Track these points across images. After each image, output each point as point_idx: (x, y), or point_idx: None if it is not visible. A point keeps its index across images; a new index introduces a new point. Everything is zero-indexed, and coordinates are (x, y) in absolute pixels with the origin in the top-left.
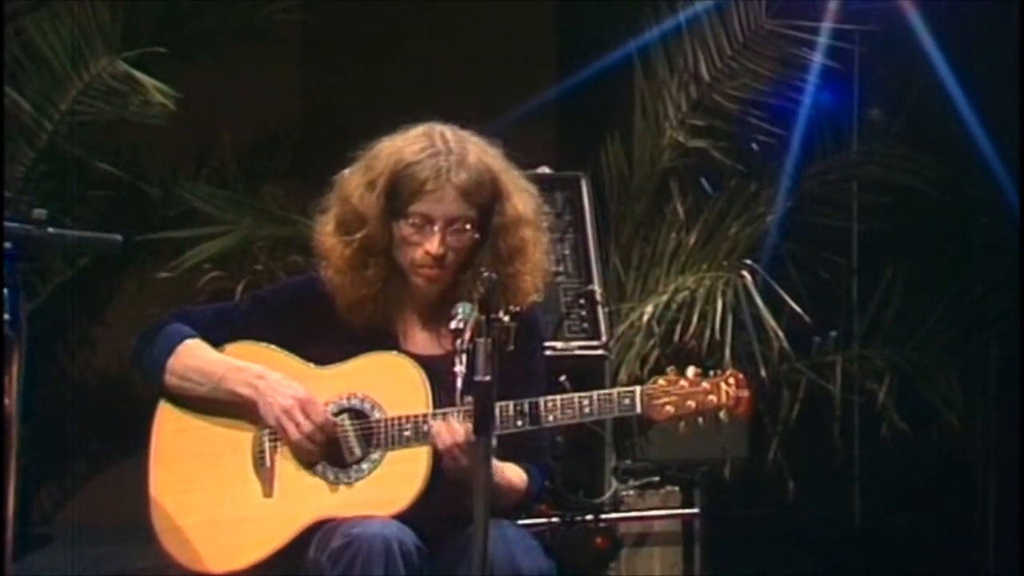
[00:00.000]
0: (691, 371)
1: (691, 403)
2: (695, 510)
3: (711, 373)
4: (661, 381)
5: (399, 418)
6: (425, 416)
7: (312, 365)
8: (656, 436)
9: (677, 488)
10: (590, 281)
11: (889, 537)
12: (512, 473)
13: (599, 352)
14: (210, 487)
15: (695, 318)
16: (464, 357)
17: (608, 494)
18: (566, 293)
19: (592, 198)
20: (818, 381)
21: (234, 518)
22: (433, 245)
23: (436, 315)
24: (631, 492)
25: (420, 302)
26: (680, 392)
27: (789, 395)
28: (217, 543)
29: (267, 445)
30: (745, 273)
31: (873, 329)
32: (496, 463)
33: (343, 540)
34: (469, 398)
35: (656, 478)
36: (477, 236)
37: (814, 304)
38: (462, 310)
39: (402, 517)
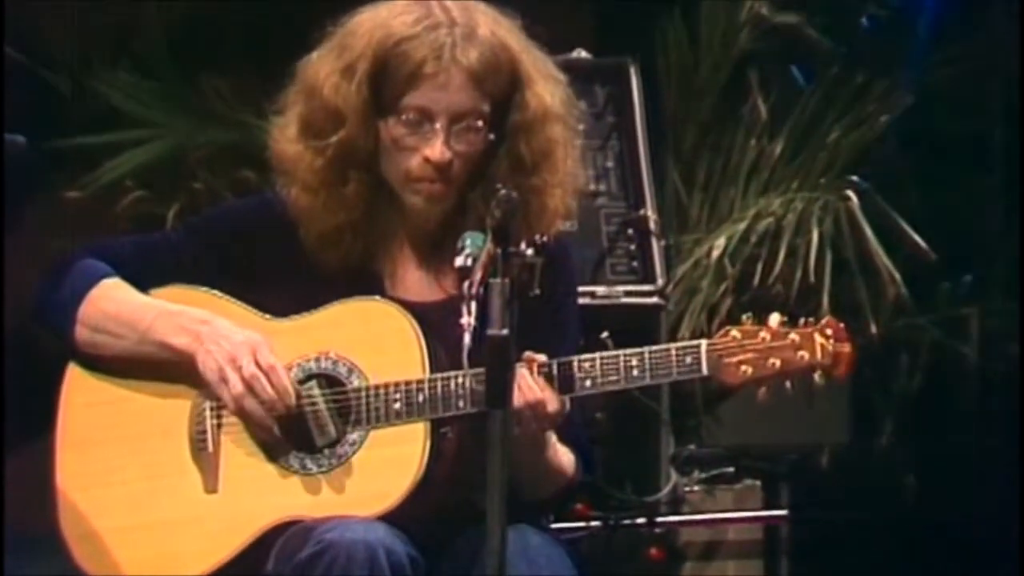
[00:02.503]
0: (774, 319)
1: (774, 361)
2: (781, 512)
3: (801, 322)
4: (734, 332)
5: (386, 386)
6: (420, 383)
7: (268, 316)
8: (729, 413)
9: (757, 483)
10: (641, 205)
11: None
12: (564, 454)
13: (653, 300)
14: (134, 479)
15: (781, 254)
16: (473, 305)
17: (665, 490)
18: (609, 221)
19: (643, 93)
20: (947, 341)
21: (167, 520)
22: (434, 150)
23: (436, 248)
24: (696, 488)
25: (415, 231)
26: (759, 347)
27: (908, 359)
28: (144, 553)
29: (210, 422)
30: (850, 194)
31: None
32: (552, 440)
33: (314, 548)
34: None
35: (729, 469)
36: (491, 137)
37: (942, 238)
38: (470, 242)
39: (391, 517)
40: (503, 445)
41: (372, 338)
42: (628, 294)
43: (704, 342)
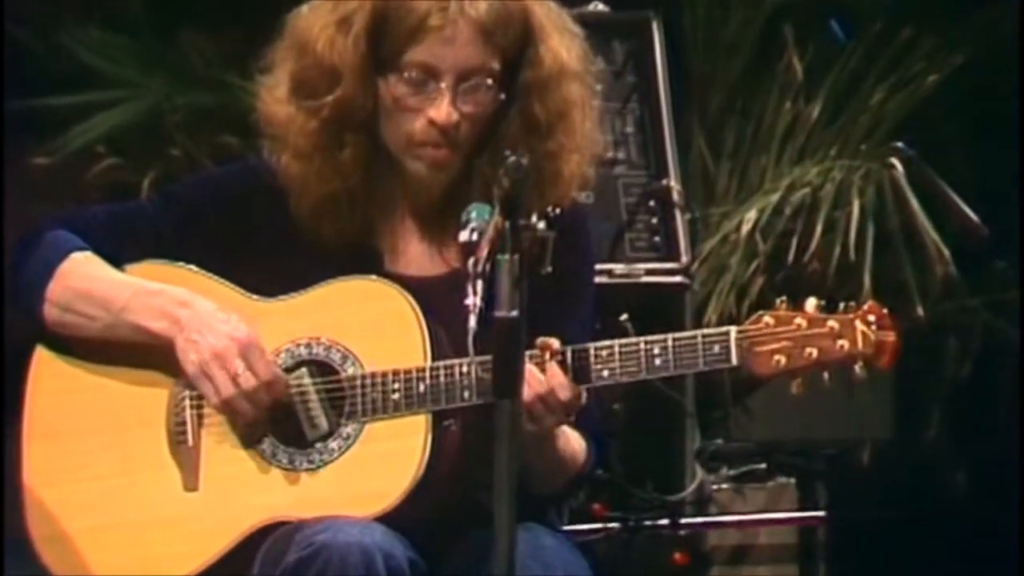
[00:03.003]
0: (811, 303)
1: (811, 351)
2: (818, 513)
3: (840, 307)
4: (767, 318)
5: (383, 374)
6: (421, 371)
7: (254, 297)
8: (760, 404)
9: (791, 481)
10: (664, 175)
11: None
12: (576, 440)
13: (677, 279)
14: (108, 475)
15: (818, 229)
16: (479, 284)
17: (690, 488)
18: (629, 191)
19: (667, 50)
20: (999, 325)
21: (142, 521)
22: (439, 111)
23: (440, 220)
24: (724, 486)
25: (417, 200)
26: (795, 335)
27: (957, 345)
28: (117, 557)
29: (189, 413)
30: (894, 162)
31: None
32: (562, 428)
33: (303, 552)
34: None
35: (761, 466)
36: (502, 97)
37: (995, 211)
38: (476, 214)
39: (390, 519)
40: (512, 439)
41: (369, 321)
42: (649, 272)
43: (734, 329)
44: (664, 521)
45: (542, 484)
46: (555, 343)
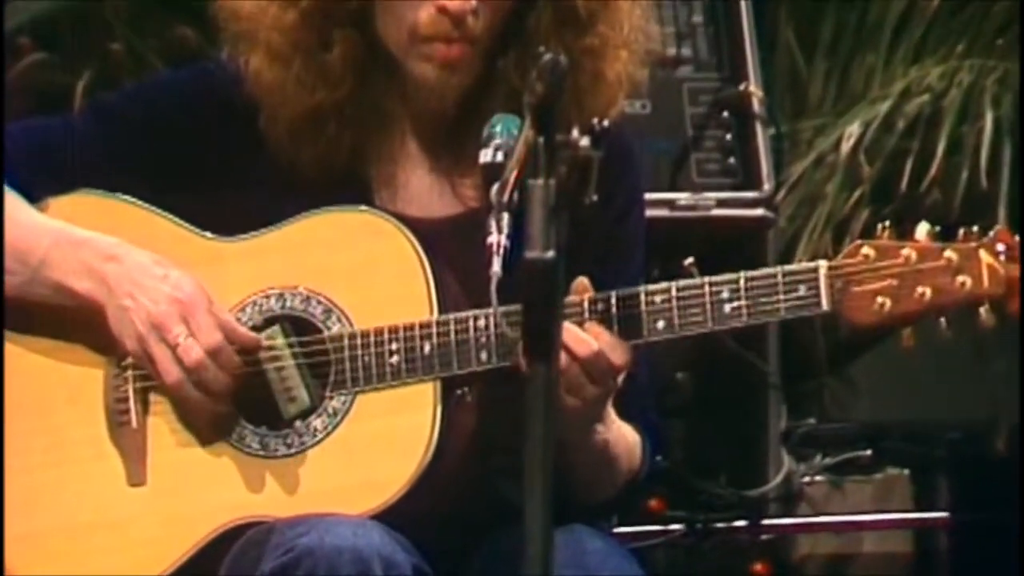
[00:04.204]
0: (922, 230)
1: (923, 290)
2: (938, 514)
3: (960, 234)
4: (866, 250)
5: (378, 332)
6: (426, 326)
7: (210, 235)
8: (864, 374)
9: (905, 472)
10: (741, 78)
11: None
12: (628, 433)
13: (757, 212)
14: (37, 468)
15: (940, 148)
16: (505, 217)
17: (775, 481)
18: (696, 99)
19: None
20: None
21: (79, 526)
22: None
23: (451, 143)
24: (818, 479)
25: (422, 115)
26: (902, 269)
27: None
28: (50, 569)
29: (132, 387)
30: None
31: None
32: (612, 415)
33: (282, 559)
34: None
35: (865, 453)
36: None
37: None
38: (501, 127)
39: (390, 516)
40: (547, 415)
41: (358, 265)
42: (722, 204)
43: (824, 263)
44: (741, 523)
45: (585, 491)
46: (586, 282)
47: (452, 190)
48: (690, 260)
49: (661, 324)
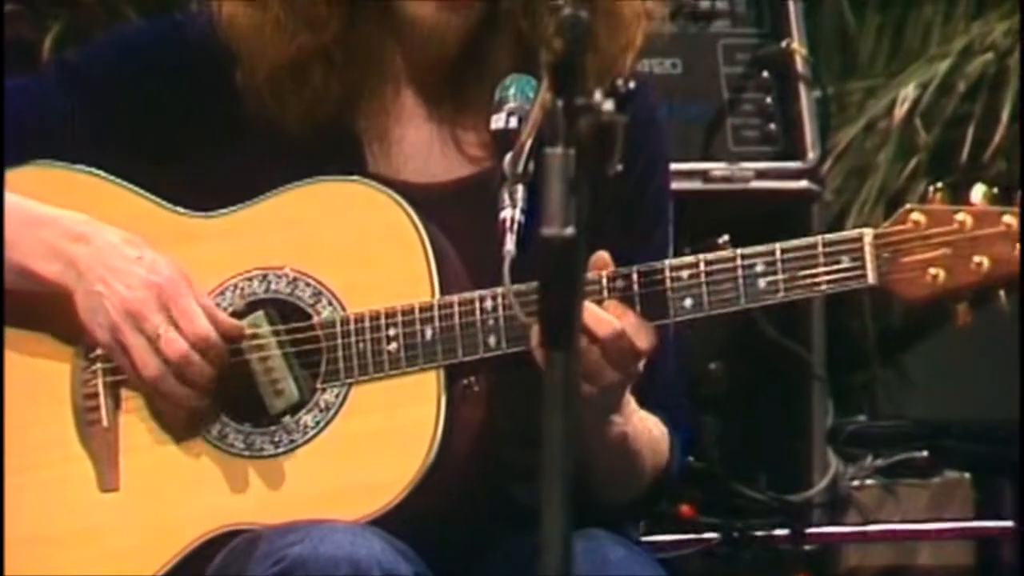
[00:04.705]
0: (978, 192)
1: (980, 259)
2: (1003, 523)
3: (1019, 196)
4: (916, 216)
5: (373, 316)
6: (427, 308)
7: (182, 211)
8: (920, 365)
9: (966, 475)
10: (783, 34)
11: None
12: (654, 426)
13: (801, 184)
14: None
15: (1005, 113)
16: (519, 189)
17: (821, 484)
18: (732, 58)
19: None
20: None
21: (47, 535)
22: None
23: (453, 95)
24: (869, 482)
25: (419, 65)
26: (957, 237)
27: None
28: None
29: (102, 382)
30: None
31: None
32: (631, 405)
33: (273, 570)
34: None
35: (922, 454)
36: None
37: None
38: (514, 90)
39: (390, 522)
40: (567, 409)
41: (350, 242)
42: (761, 175)
43: (869, 231)
44: (782, 531)
45: (608, 491)
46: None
47: (454, 147)
48: (725, 238)
49: (689, 302)
